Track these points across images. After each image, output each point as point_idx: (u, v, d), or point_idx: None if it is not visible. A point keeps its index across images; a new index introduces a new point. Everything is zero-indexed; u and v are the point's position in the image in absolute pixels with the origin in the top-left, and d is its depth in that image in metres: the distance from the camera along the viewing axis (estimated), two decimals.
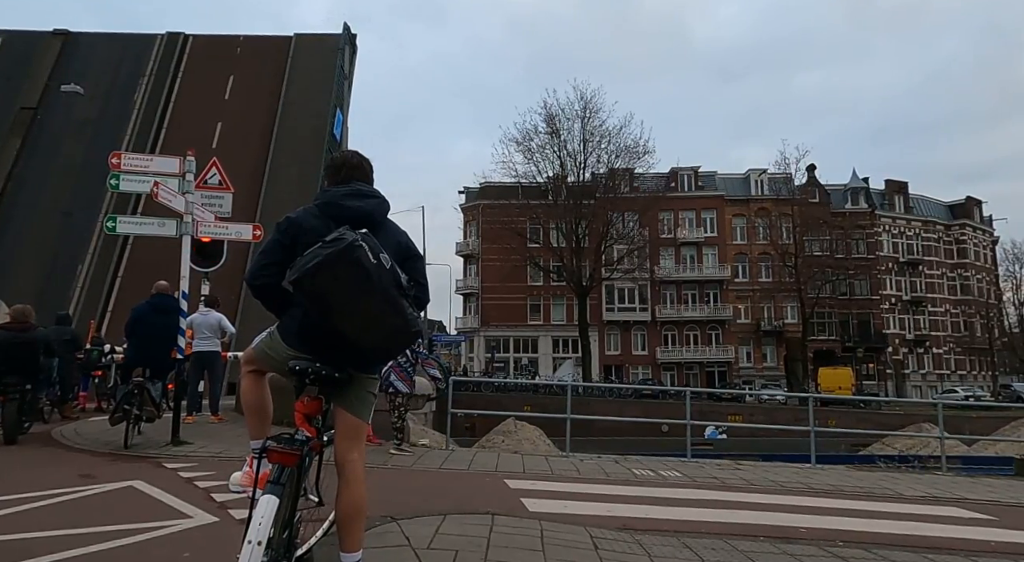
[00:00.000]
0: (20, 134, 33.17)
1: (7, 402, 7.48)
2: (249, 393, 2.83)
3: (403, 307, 2.49)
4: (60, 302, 24.35)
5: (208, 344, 9.62)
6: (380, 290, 2.41)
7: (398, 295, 2.48)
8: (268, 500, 2.15)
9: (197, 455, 6.72)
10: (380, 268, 2.42)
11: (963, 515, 5.85)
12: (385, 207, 2.79)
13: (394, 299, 2.46)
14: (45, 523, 3.94)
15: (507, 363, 47.98)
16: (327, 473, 2.77)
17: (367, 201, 2.71)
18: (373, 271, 2.39)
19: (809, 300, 42.38)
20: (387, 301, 2.44)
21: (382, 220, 2.74)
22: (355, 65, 39.47)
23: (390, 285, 2.45)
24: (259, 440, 2.58)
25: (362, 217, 2.63)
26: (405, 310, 2.49)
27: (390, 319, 2.47)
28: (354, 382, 2.64)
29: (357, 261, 2.36)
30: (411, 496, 5.03)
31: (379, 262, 2.42)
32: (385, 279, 2.43)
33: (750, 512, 5.31)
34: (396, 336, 2.54)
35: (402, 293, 2.50)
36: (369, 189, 2.80)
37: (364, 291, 2.39)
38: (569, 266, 37.22)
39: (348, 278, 2.37)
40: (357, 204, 2.67)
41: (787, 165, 44.05)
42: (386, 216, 2.78)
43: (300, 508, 2.58)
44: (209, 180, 9.28)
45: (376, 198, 2.77)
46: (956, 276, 52.67)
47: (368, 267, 2.38)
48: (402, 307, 2.49)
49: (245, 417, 2.85)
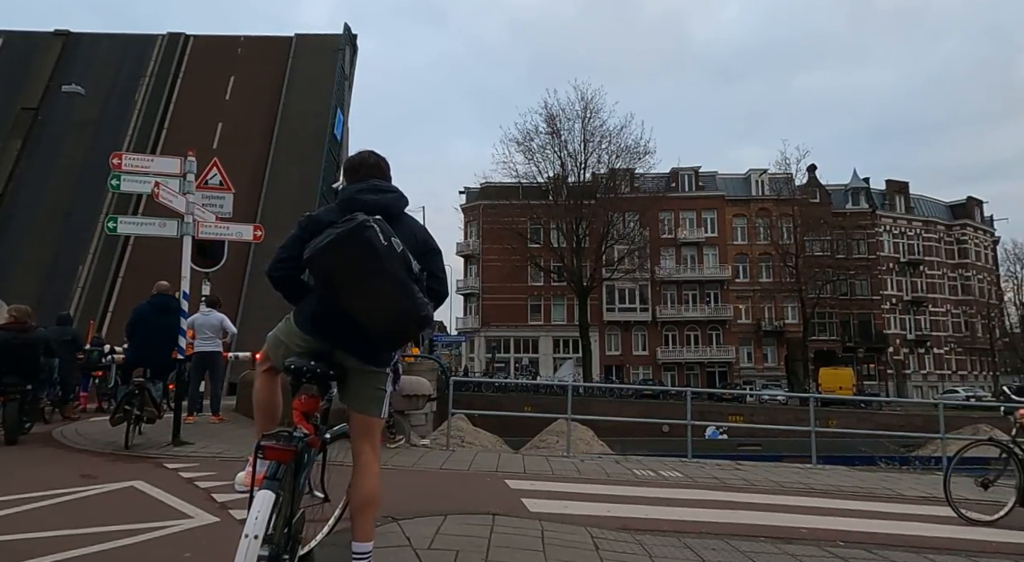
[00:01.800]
0: (21, 134, 33.21)
1: (8, 402, 7.48)
2: (260, 392, 2.86)
3: (412, 290, 2.50)
4: (61, 302, 24.41)
5: (209, 344, 9.62)
6: (389, 270, 2.45)
7: (408, 278, 2.50)
8: (263, 496, 2.17)
9: (198, 455, 6.73)
10: (390, 250, 2.45)
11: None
12: (403, 202, 2.81)
13: (403, 281, 2.48)
14: (46, 523, 3.94)
15: (508, 363, 48.00)
16: (332, 471, 2.78)
17: (383, 195, 2.76)
18: (383, 251, 2.43)
19: (810, 300, 42.39)
20: (396, 282, 2.47)
21: (399, 214, 2.77)
22: (356, 65, 39.50)
23: (400, 267, 2.48)
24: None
25: (378, 210, 2.67)
26: (415, 293, 2.50)
27: (398, 300, 2.48)
28: (358, 379, 2.66)
29: (367, 240, 2.42)
30: (412, 496, 5.03)
31: (390, 245, 2.46)
32: (395, 261, 2.46)
33: (751, 512, 5.31)
34: (404, 319, 2.53)
35: (412, 277, 2.52)
36: (386, 184, 2.84)
37: (373, 270, 2.44)
38: (570, 266, 37.24)
39: (358, 257, 2.43)
40: (373, 198, 2.71)
41: (788, 165, 44.19)
42: (403, 211, 2.81)
43: (305, 505, 2.60)
44: (210, 180, 9.29)
45: (393, 192, 2.81)
46: (957, 276, 52.65)
47: (378, 247, 2.42)
48: (411, 290, 2.50)
49: (255, 415, 2.87)
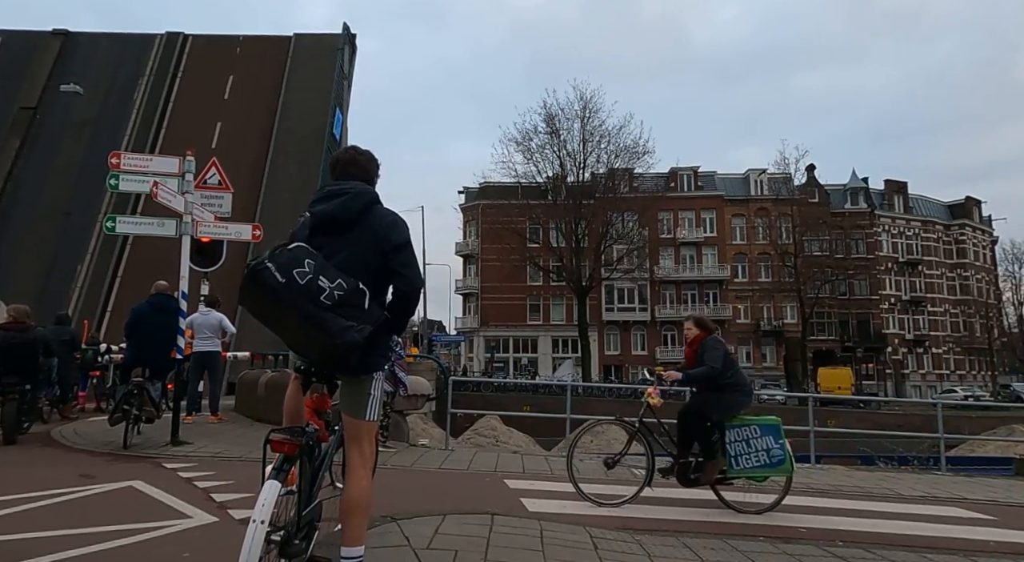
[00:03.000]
0: (19, 134, 33.13)
1: (7, 402, 7.48)
2: (288, 398, 3.02)
3: (323, 320, 2.44)
4: (59, 302, 24.34)
5: (208, 344, 9.62)
6: (291, 307, 2.45)
7: (316, 309, 2.44)
8: (270, 485, 2.31)
9: (197, 455, 6.72)
10: (289, 285, 2.45)
11: (963, 515, 5.85)
12: (357, 202, 2.75)
13: (309, 313, 2.44)
14: (45, 523, 3.94)
15: (507, 363, 47.99)
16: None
17: (331, 202, 2.75)
18: (279, 289, 2.44)
19: (808, 300, 42.39)
20: (301, 316, 2.45)
21: (354, 217, 2.73)
22: (355, 65, 39.46)
23: (304, 300, 2.44)
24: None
25: (325, 219, 2.74)
26: (326, 323, 2.43)
27: (310, 333, 2.47)
28: (345, 383, 2.75)
29: (263, 283, 2.46)
30: (411, 496, 5.03)
31: (289, 279, 2.45)
32: (294, 295, 2.44)
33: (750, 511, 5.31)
34: (327, 349, 2.49)
35: (321, 307, 2.45)
36: (340, 187, 2.81)
37: (279, 308, 2.49)
38: (569, 266, 37.21)
39: (259, 299, 2.50)
40: (320, 208, 2.76)
41: (787, 165, 44.15)
42: (361, 211, 2.75)
43: (325, 497, 2.76)
44: (208, 180, 9.28)
45: (344, 195, 2.75)
46: (955, 276, 52.69)
47: (274, 286, 2.44)
48: (321, 320, 2.44)
49: (283, 418, 3.01)
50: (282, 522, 2.43)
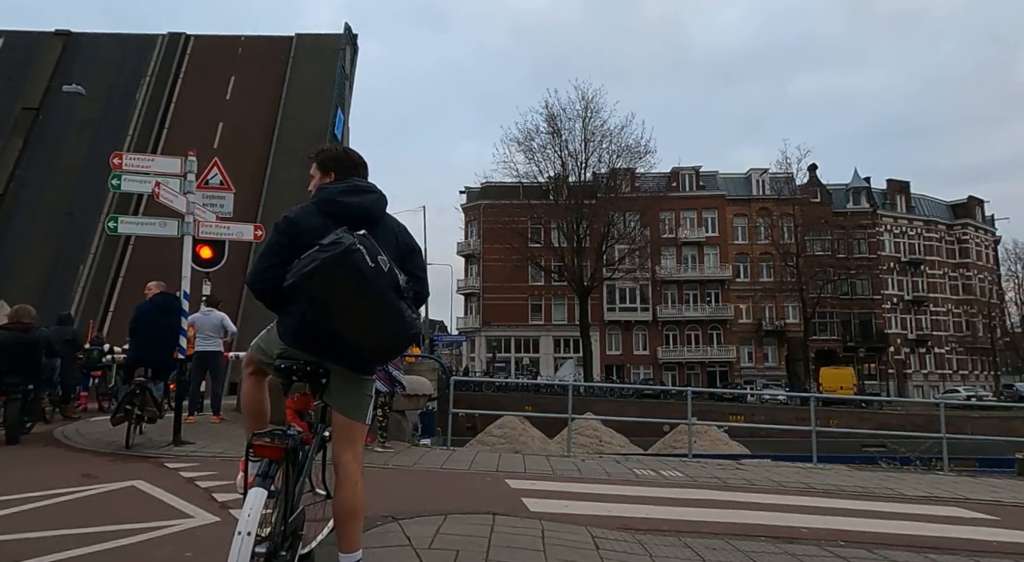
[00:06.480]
0: (22, 134, 33.16)
1: (9, 402, 7.49)
2: (247, 395, 2.87)
3: (401, 309, 2.47)
4: (62, 302, 24.36)
5: (210, 344, 9.62)
6: (378, 293, 2.40)
7: (396, 298, 2.46)
8: (255, 493, 2.18)
9: (198, 455, 6.72)
10: (378, 271, 2.39)
11: (965, 515, 5.84)
12: (383, 202, 2.77)
13: (392, 302, 2.44)
14: (47, 523, 3.94)
15: (508, 363, 47.97)
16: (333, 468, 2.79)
17: (365, 196, 2.71)
18: (370, 275, 2.37)
19: (810, 300, 42.34)
20: (385, 304, 2.42)
21: (380, 216, 2.73)
22: (356, 65, 39.46)
23: (388, 288, 2.43)
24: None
25: (361, 213, 2.63)
26: (403, 312, 2.48)
27: (388, 322, 2.45)
28: (344, 381, 2.62)
29: (355, 265, 2.34)
30: (412, 496, 5.03)
31: (377, 265, 2.39)
32: (383, 282, 2.41)
33: (751, 512, 5.30)
34: (394, 339, 2.52)
35: (400, 295, 2.48)
36: (367, 184, 2.80)
37: (362, 295, 2.38)
38: (570, 266, 37.22)
39: (345, 282, 2.35)
40: (356, 200, 2.66)
41: (788, 165, 44.20)
42: (384, 211, 2.77)
43: (307, 503, 2.61)
44: (210, 180, 9.29)
45: (374, 193, 2.76)
46: (958, 276, 52.60)
47: (365, 271, 2.36)
48: (400, 309, 2.47)
49: (244, 419, 2.88)
50: (266, 532, 2.31)
